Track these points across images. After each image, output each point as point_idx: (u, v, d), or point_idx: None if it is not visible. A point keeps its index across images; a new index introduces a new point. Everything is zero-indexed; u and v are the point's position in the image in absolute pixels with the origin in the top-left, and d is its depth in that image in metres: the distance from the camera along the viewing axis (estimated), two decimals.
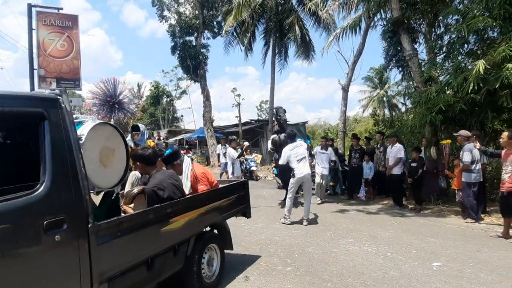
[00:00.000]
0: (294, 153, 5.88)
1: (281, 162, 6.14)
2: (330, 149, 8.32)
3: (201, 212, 3.01)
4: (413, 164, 7.16)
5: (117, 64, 75.21)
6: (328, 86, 68.31)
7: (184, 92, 34.25)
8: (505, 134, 4.75)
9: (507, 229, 4.84)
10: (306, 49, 17.59)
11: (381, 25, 11.32)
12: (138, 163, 3.07)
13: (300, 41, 16.98)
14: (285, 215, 5.93)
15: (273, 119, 8.15)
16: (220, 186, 3.86)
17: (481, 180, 5.85)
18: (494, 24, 5.99)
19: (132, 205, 2.83)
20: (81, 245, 1.93)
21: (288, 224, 5.81)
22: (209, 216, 3.22)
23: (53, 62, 11.80)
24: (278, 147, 7.28)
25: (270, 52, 18.25)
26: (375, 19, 11.36)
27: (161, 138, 20.03)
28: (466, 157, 5.60)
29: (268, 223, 6.02)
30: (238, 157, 7.95)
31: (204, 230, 3.29)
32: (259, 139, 20.64)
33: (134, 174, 3.99)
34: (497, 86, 5.69)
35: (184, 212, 2.77)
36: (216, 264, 3.35)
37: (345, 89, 12.50)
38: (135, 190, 2.82)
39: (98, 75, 75.27)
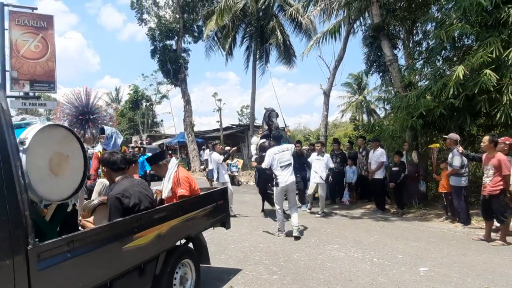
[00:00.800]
0: (279, 158, 5.28)
1: (264, 165, 5.51)
2: (326, 155, 7.43)
3: (172, 225, 2.70)
4: (395, 168, 7.14)
5: (95, 68, 72.84)
6: (308, 92, 69.08)
7: (164, 96, 33.56)
8: (486, 138, 4.74)
9: (489, 233, 4.84)
10: (287, 54, 17.65)
11: (362, 30, 11.50)
12: (104, 168, 2.74)
13: (282, 46, 17.03)
14: (279, 229, 5.37)
15: (263, 121, 7.55)
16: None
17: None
18: (471, 31, 6.09)
19: (91, 218, 2.47)
20: (18, 271, 1.58)
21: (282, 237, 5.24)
22: (183, 229, 2.91)
23: (27, 64, 11.17)
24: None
25: (251, 57, 18.17)
26: (355, 25, 11.51)
27: (144, 142, 19.38)
28: (456, 161, 5.61)
29: (252, 230, 5.82)
30: (224, 160, 7.52)
31: (177, 244, 2.97)
32: (240, 144, 20.38)
33: (102, 182, 3.62)
34: (475, 91, 5.75)
35: (152, 226, 2.45)
36: (190, 281, 3.04)
37: (327, 94, 12.50)
38: (96, 201, 2.48)
39: (75, 79, 72.74)
